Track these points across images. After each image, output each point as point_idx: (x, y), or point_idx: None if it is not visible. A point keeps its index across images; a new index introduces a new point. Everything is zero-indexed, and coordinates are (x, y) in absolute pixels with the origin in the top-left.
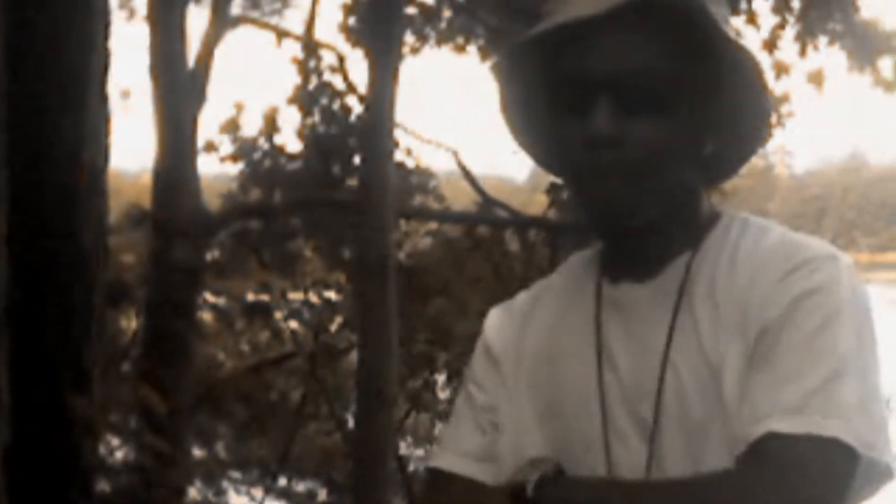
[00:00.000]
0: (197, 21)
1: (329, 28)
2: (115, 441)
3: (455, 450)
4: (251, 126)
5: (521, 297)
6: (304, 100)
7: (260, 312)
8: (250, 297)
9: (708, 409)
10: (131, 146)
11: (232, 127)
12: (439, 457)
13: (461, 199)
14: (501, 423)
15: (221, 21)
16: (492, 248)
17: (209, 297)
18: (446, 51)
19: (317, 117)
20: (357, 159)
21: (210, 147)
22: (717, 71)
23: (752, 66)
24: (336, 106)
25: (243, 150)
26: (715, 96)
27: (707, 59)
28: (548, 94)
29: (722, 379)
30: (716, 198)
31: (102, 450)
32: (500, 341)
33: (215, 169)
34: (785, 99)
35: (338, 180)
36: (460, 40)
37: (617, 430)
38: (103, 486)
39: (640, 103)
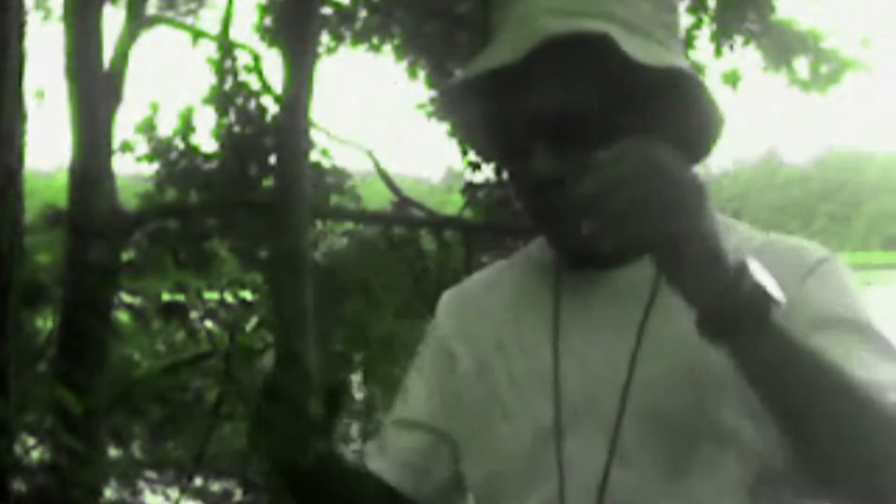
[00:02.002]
0: (113, 21)
1: (245, 28)
2: (30, 441)
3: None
4: (167, 126)
5: (475, 280)
6: (220, 100)
7: (176, 312)
8: (166, 297)
9: (683, 408)
10: (46, 146)
11: (148, 127)
12: (370, 454)
13: (377, 199)
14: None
15: (137, 21)
16: (408, 247)
17: (125, 297)
18: (362, 51)
19: (232, 117)
20: (273, 159)
21: (126, 147)
22: (649, 92)
23: (689, 80)
24: (252, 106)
25: (159, 150)
26: (654, 116)
27: (634, 83)
28: (490, 135)
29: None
30: None
31: (18, 449)
32: (451, 326)
33: (131, 169)
34: None
35: (254, 180)
36: (376, 40)
37: (573, 420)
38: (19, 485)
39: (578, 139)
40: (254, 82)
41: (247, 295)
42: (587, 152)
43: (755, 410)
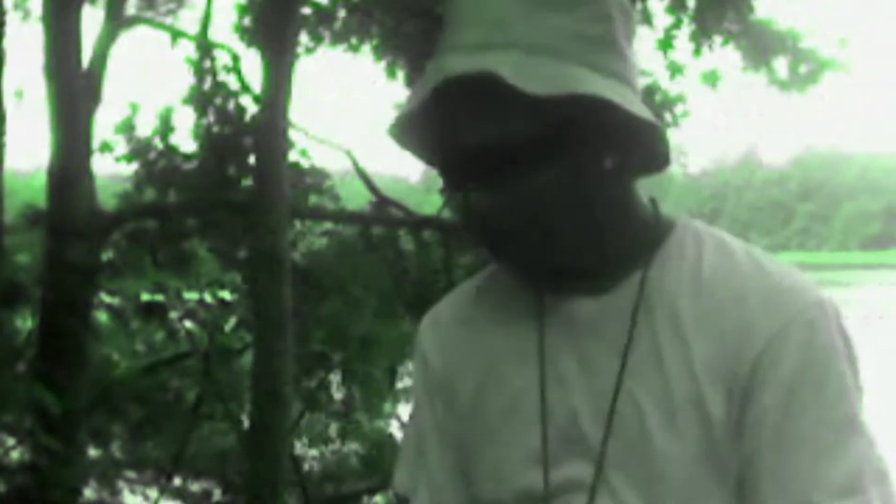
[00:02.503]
0: (92, 21)
1: (224, 28)
2: (10, 441)
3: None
4: (146, 126)
5: (452, 302)
6: (199, 100)
7: (155, 312)
8: (145, 297)
9: (671, 441)
10: (25, 146)
11: (127, 127)
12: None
13: (356, 198)
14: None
15: (116, 21)
16: (386, 247)
17: (104, 297)
18: (341, 51)
19: (211, 117)
20: (252, 159)
21: (105, 147)
22: (567, 117)
23: (595, 101)
24: (231, 106)
25: (138, 150)
26: (579, 135)
27: (547, 112)
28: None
29: (705, 417)
30: None
31: None
32: (432, 353)
33: (110, 169)
34: (680, 99)
35: (233, 180)
36: (355, 40)
37: (560, 448)
38: None
39: (507, 170)
40: (233, 82)
41: (226, 295)
42: (521, 178)
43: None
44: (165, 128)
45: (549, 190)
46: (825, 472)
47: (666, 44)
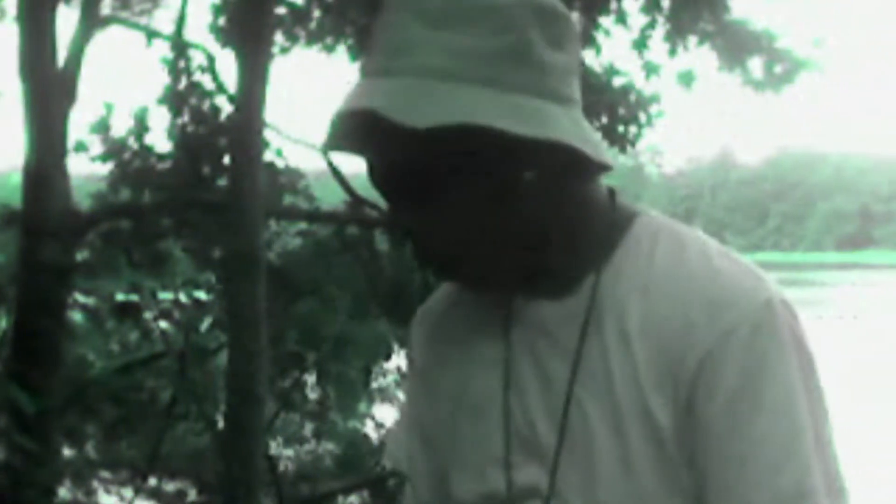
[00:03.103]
0: (67, 21)
1: (199, 28)
2: None
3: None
4: (121, 126)
5: (440, 298)
6: (174, 100)
7: (130, 312)
8: (120, 297)
9: (618, 450)
10: (0, 146)
11: (102, 127)
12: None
13: (331, 198)
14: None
15: (91, 21)
16: (361, 247)
17: (79, 297)
18: (316, 51)
19: (186, 117)
20: (227, 159)
21: (80, 147)
22: (465, 140)
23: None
24: (206, 106)
25: (113, 151)
26: (486, 153)
27: (442, 138)
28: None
29: (652, 426)
30: None
31: None
32: (418, 349)
33: (85, 169)
34: (654, 99)
35: (208, 180)
36: (330, 40)
37: (521, 452)
38: None
39: (417, 198)
40: (208, 82)
41: (201, 295)
42: (442, 198)
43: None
44: (140, 128)
45: (463, 212)
46: (771, 483)
47: (641, 44)
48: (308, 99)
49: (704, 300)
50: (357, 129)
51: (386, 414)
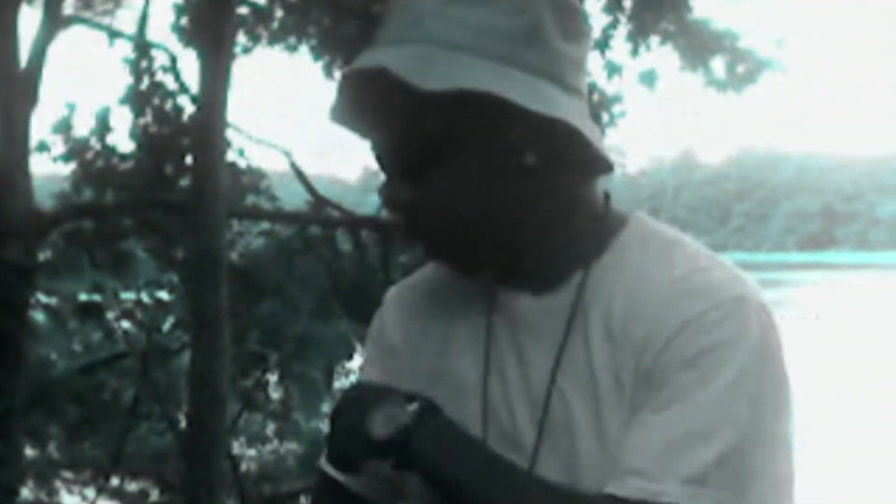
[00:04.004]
0: (29, 21)
1: (161, 28)
2: None
3: None
4: (83, 126)
5: (420, 279)
6: (136, 100)
7: (92, 312)
8: (83, 297)
9: (598, 448)
10: None
11: (64, 127)
12: (324, 456)
13: (293, 199)
14: None
15: (53, 21)
16: (324, 247)
17: (42, 297)
18: (278, 50)
19: (149, 117)
20: (189, 159)
21: (42, 147)
22: (475, 111)
23: (494, 102)
24: (168, 106)
25: (75, 151)
26: (491, 129)
27: (453, 107)
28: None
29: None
30: None
31: None
32: (394, 326)
33: (47, 169)
34: (617, 99)
35: (170, 180)
36: (292, 40)
37: (499, 440)
38: None
39: (418, 169)
40: (170, 82)
41: (163, 295)
42: (437, 168)
43: None
44: (103, 128)
45: (462, 186)
46: (683, 454)
47: (603, 44)
48: (270, 99)
49: (679, 293)
50: (365, 95)
51: None
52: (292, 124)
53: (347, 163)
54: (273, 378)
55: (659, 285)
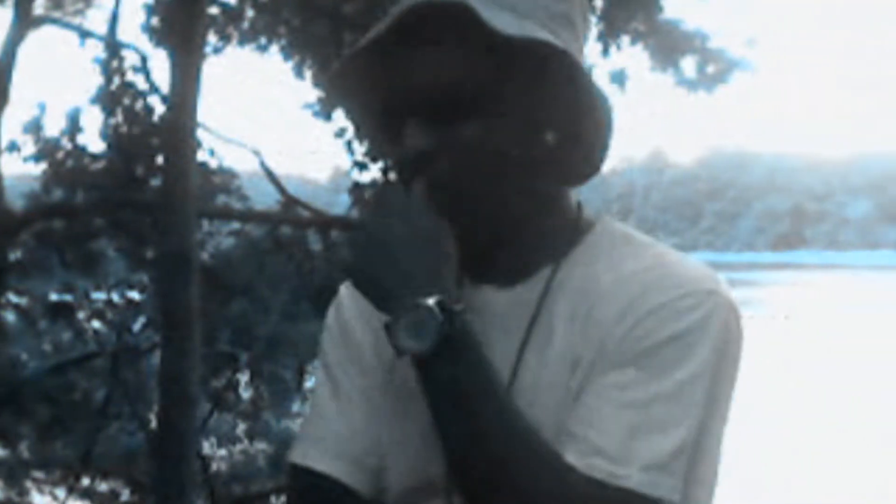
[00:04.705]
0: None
1: (132, 28)
2: None
3: (322, 446)
4: (54, 126)
5: None
6: (107, 100)
7: (63, 312)
8: (53, 296)
9: (557, 432)
10: None
11: (34, 127)
12: (305, 452)
13: (264, 198)
14: (354, 400)
15: (24, 21)
16: (294, 247)
17: (12, 297)
18: (249, 50)
19: (119, 117)
20: (160, 159)
21: (13, 147)
22: (519, 65)
23: (562, 60)
24: (139, 106)
25: (46, 151)
26: (528, 89)
27: (502, 56)
28: (374, 118)
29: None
30: None
31: None
32: (354, 321)
33: (18, 169)
34: None
35: (140, 180)
36: (263, 40)
37: None
38: None
39: (450, 113)
40: (141, 82)
41: (134, 295)
42: (462, 127)
43: None
44: (73, 128)
45: (483, 141)
46: (645, 441)
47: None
48: (241, 99)
49: (653, 281)
50: (406, 32)
51: None
52: (263, 124)
53: (318, 163)
54: (244, 378)
55: (631, 275)
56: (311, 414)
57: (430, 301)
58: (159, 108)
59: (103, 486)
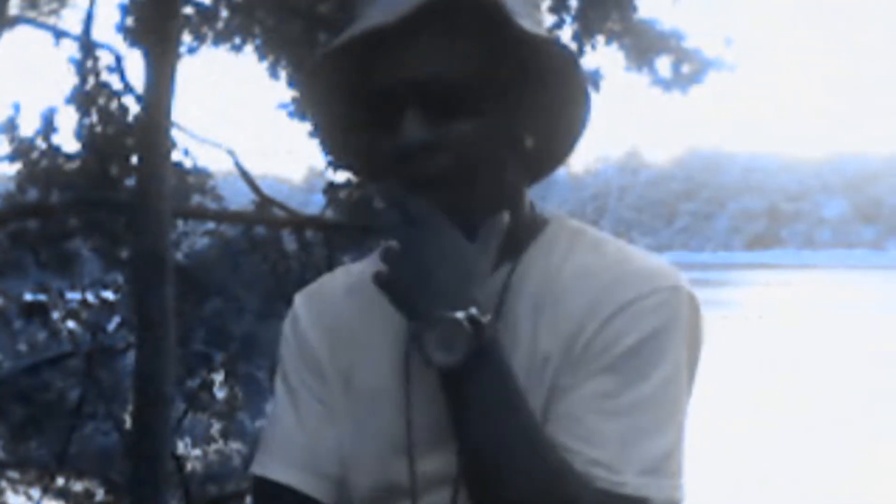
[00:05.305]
0: None
1: (107, 28)
2: None
3: (282, 457)
4: (29, 126)
5: (335, 282)
6: (82, 100)
7: (37, 312)
8: (28, 296)
9: None
10: None
11: (9, 127)
12: (266, 464)
13: (239, 198)
14: (314, 409)
15: None
16: (269, 247)
17: None
18: (224, 51)
19: (94, 117)
20: (135, 159)
21: None
22: (525, 64)
23: (562, 56)
24: (113, 106)
25: (21, 151)
26: (527, 90)
27: (511, 54)
28: (358, 109)
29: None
30: None
31: None
32: (310, 328)
33: None
34: None
35: (115, 180)
36: (237, 40)
37: (424, 440)
38: None
39: (451, 107)
40: (116, 82)
41: (108, 295)
42: (462, 120)
43: None
44: (48, 128)
45: (477, 136)
46: (637, 448)
47: None
48: (216, 99)
49: (616, 278)
50: (418, 21)
51: None
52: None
53: (292, 163)
54: (218, 378)
55: (593, 268)
56: (272, 425)
57: (461, 315)
58: (134, 108)
59: (78, 486)
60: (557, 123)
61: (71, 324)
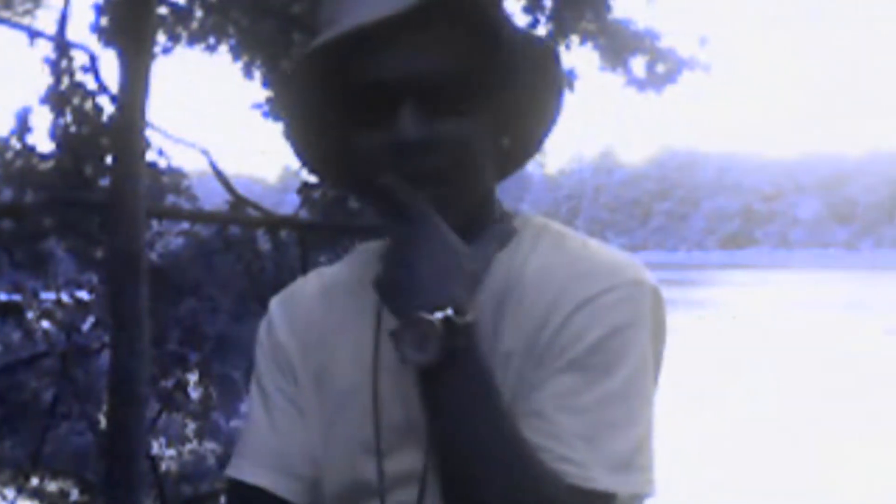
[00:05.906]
0: None
1: (81, 28)
2: None
3: (255, 459)
4: (3, 126)
5: (308, 286)
6: (56, 100)
7: (12, 312)
8: (2, 296)
9: None
10: None
11: None
12: (239, 466)
13: (213, 198)
14: (287, 411)
15: None
16: (243, 247)
17: None
18: (198, 50)
19: (69, 117)
20: (109, 159)
21: None
22: (510, 63)
23: (544, 54)
24: (88, 106)
25: None
26: (507, 89)
27: (499, 52)
28: (342, 106)
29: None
30: None
31: None
32: (283, 332)
33: None
34: None
35: (90, 180)
36: (212, 40)
37: (393, 439)
38: None
39: (443, 105)
40: (90, 82)
41: (83, 295)
42: (453, 119)
43: None
44: (22, 128)
45: (477, 136)
46: (605, 443)
47: None
48: (190, 99)
49: (578, 273)
50: (422, 21)
51: None
52: (212, 124)
53: (267, 163)
54: (193, 378)
55: (556, 265)
56: (246, 428)
57: (437, 315)
58: (108, 108)
59: (53, 486)
60: (530, 122)
61: (45, 324)
